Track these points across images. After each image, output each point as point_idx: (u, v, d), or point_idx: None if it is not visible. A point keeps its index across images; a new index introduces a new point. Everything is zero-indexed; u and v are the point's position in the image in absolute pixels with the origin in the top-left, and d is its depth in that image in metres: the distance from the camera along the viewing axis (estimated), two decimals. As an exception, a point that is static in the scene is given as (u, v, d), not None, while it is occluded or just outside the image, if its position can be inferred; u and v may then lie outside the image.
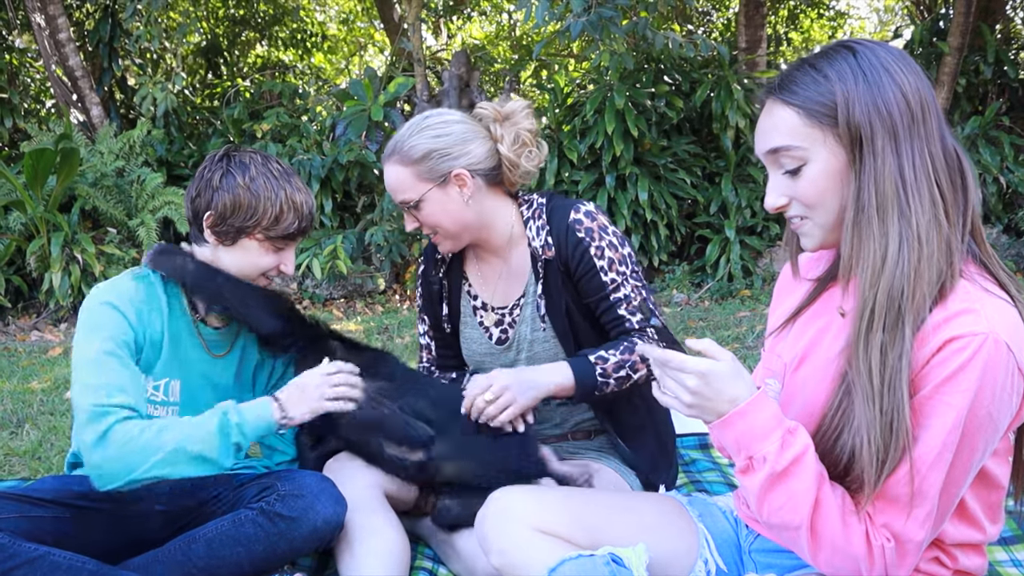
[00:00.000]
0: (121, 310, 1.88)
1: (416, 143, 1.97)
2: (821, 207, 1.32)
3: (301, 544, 1.84)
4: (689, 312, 5.63)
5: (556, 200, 2.05)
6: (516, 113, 2.05)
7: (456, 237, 2.03)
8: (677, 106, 6.36)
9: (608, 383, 1.94)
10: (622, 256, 1.99)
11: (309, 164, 6.59)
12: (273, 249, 1.96)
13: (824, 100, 1.28)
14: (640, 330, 1.98)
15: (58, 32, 7.26)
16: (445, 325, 2.22)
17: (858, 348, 1.27)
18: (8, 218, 6.22)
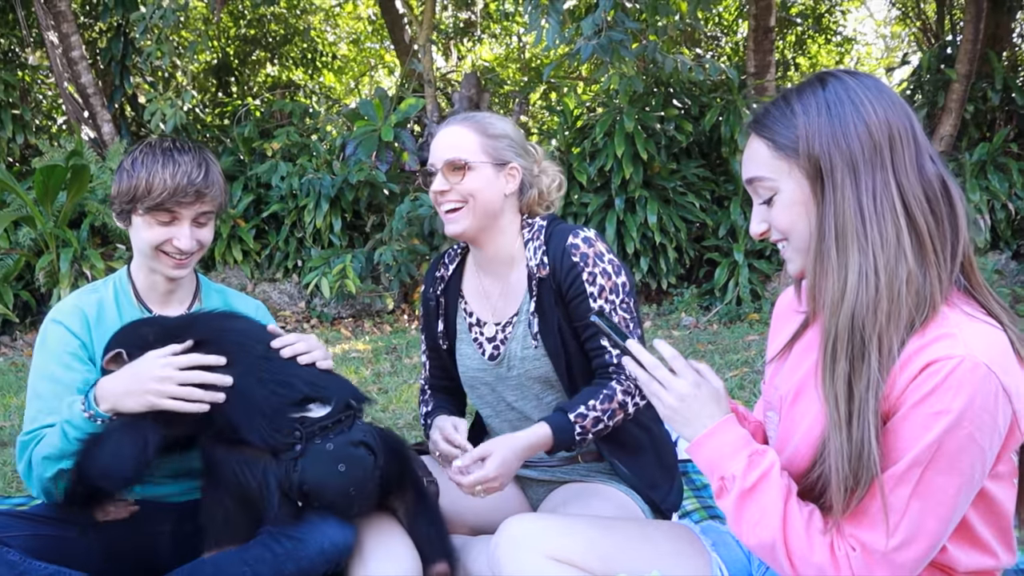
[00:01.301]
0: (64, 323, 1.97)
1: (497, 123, 2.07)
2: (793, 234, 1.36)
3: (308, 566, 1.81)
4: (698, 335, 5.61)
5: (557, 224, 2.08)
6: (552, 169, 2.17)
7: (477, 219, 2.03)
8: (686, 129, 6.38)
9: (586, 438, 1.95)
10: (614, 284, 1.98)
11: (319, 183, 6.62)
12: (157, 223, 1.96)
13: (788, 133, 1.32)
14: (618, 365, 1.97)
15: (71, 50, 7.32)
16: (441, 342, 2.22)
17: (824, 378, 1.30)
18: (18, 233, 6.25)
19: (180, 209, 1.95)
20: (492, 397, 2.16)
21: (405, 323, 6.51)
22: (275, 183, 6.82)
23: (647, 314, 6.38)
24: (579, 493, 2.06)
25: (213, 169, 2.00)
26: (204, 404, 1.73)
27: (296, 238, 6.89)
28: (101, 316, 2.05)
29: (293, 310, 6.78)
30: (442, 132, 2.07)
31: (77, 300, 2.06)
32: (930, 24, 8.99)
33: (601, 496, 2.03)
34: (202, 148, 2.04)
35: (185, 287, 2.14)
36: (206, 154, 2.02)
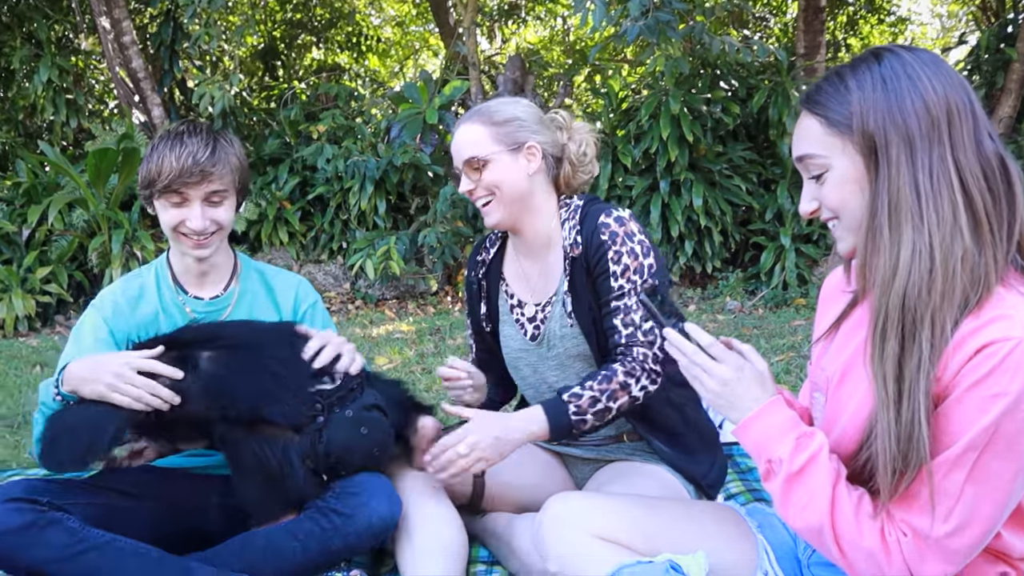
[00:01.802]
0: (98, 309, 2.11)
1: (503, 108, 2.06)
2: (844, 212, 1.34)
3: (356, 540, 1.85)
4: (743, 320, 5.56)
5: (593, 204, 2.07)
6: (583, 130, 2.15)
7: (508, 206, 2.04)
8: (733, 112, 6.29)
9: (585, 420, 1.91)
10: (639, 265, 1.96)
11: (364, 166, 6.66)
12: (170, 205, 2.02)
13: (842, 109, 1.29)
14: (625, 345, 1.94)
15: (122, 35, 7.44)
16: (485, 325, 2.24)
17: (873, 357, 1.28)
18: (72, 215, 6.38)
19: (187, 190, 1.99)
20: (534, 379, 2.16)
21: (448, 304, 6.53)
22: (321, 165, 6.88)
23: (691, 298, 6.33)
24: (623, 472, 2.06)
25: (222, 149, 2.02)
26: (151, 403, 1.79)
27: (341, 220, 6.94)
28: (140, 300, 2.14)
29: (338, 291, 6.84)
30: (456, 133, 2.09)
31: (118, 287, 2.16)
32: (989, 2, 8.74)
33: (645, 475, 2.03)
34: (219, 132, 2.08)
35: (220, 268, 2.18)
36: (220, 136, 2.05)
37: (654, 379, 1.93)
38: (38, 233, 6.39)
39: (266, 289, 2.22)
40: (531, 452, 2.18)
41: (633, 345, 1.93)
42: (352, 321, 6.04)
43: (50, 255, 6.36)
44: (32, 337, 5.92)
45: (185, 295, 2.16)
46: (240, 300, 2.18)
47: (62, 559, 1.68)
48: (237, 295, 2.18)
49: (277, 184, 7.00)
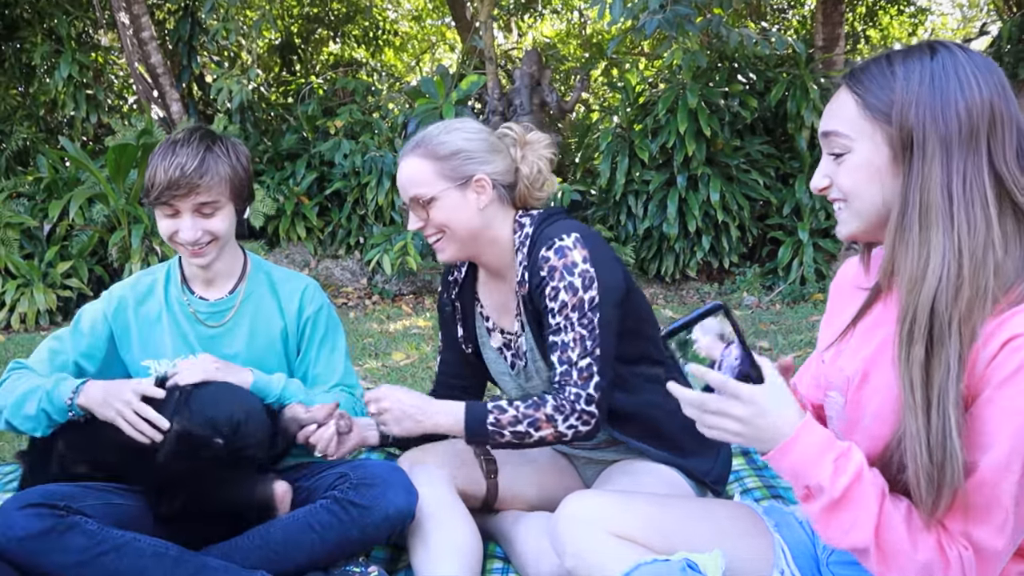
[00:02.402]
0: (106, 302, 2.17)
1: (446, 140, 1.94)
2: (856, 198, 1.31)
3: (373, 531, 1.87)
4: (760, 315, 5.54)
5: (545, 230, 1.94)
6: (538, 143, 2.04)
7: (460, 243, 1.96)
8: (751, 105, 6.26)
9: (502, 434, 1.86)
10: (579, 300, 1.84)
11: (381, 161, 6.67)
12: (164, 215, 2.04)
13: (883, 96, 1.26)
14: (560, 384, 1.85)
15: (141, 31, 7.48)
16: (465, 346, 2.18)
17: (900, 359, 1.25)
18: (92, 210, 6.44)
19: (176, 202, 1.99)
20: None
21: (465, 300, 6.54)
22: (338, 161, 6.90)
23: (708, 293, 6.31)
24: (629, 470, 2.05)
25: (213, 159, 2.00)
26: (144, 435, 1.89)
27: (358, 215, 6.97)
28: (146, 298, 2.18)
29: (355, 287, 6.87)
30: (399, 167, 1.98)
31: (130, 282, 2.21)
32: (1010, -7, 8.65)
33: (652, 474, 2.01)
34: (218, 138, 2.06)
35: (226, 271, 2.19)
36: (216, 144, 2.03)
37: (586, 421, 1.84)
38: (59, 228, 6.46)
39: (272, 292, 2.21)
40: (542, 451, 2.18)
41: (566, 384, 1.85)
42: (369, 316, 6.06)
43: (71, 250, 6.42)
44: (53, 331, 5.97)
45: (191, 295, 2.17)
46: (244, 303, 2.18)
47: (82, 562, 1.70)
48: (241, 298, 2.18)
49: (295, 179, 7.03)
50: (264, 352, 2.18)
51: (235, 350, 2.16)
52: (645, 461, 2.07)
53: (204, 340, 2.16)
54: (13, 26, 8.12)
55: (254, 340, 2.18)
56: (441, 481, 1.97)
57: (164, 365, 2.14)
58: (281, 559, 1.86)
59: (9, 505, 1.72)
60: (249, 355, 2.16)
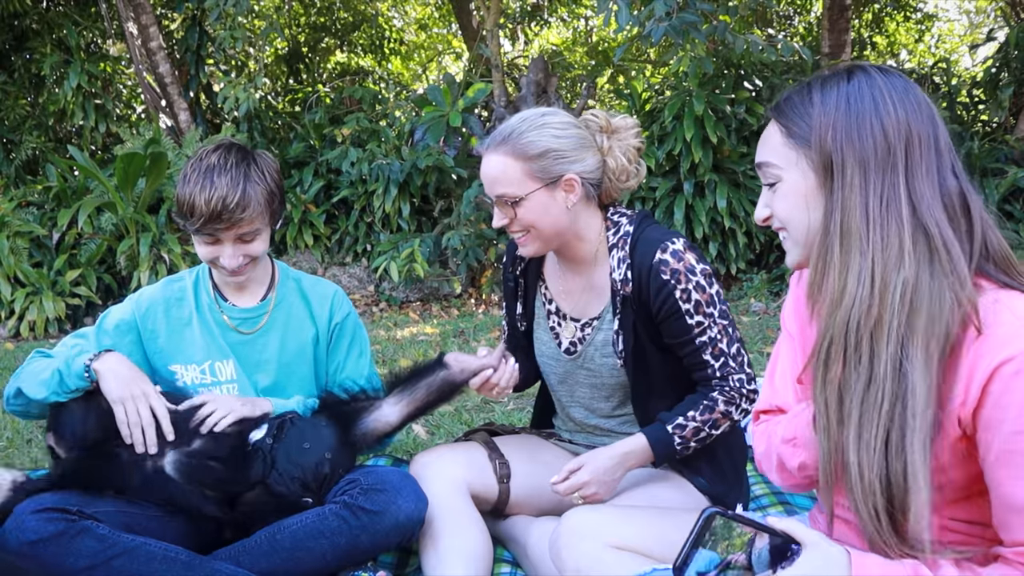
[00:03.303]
0: (135, 304, 2.17)
1: (535, 139, 1.87)
2: (792, 226, 1.32)
3: (383, 538, 1.87)
4: (767, 321, 5.53)
5: (645, 231, 1.94)
6: (625, 129, 1.98)
7: (546, 241, 1.95)
8: (758, 112, 6.26)
9: (688, 447, 1.93)
10: (710, 297, 1.89)
11: (388, 168, 6.69)
12: (203, 242, 2.04)
13: (803, 123, 1.28)
14: (722, 377, 1.92)
15: (149, 40, 7.53)
16: (520, 323, 2.20)
17: (816, 381, 1.26)
18: (100, 219, 6.46)
19: (219, 234, 2.00)
20: (561, 387, 2.15)
21: (472, 307, 6.55)
22: (345, 169, 6.92)
23: (716, 299, 6.30)
24: (645, 478, 2.05)
25: (252, 186, 1.99)
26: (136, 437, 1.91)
27: (365, 223, 6.98)
28: (177, 303, 2.19)
29: (362, 294, 6.88)
30: (485, 161, 1.93)
31: (159, 287, 2.21)
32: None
33: (668, 482, 2.02)
34: (251, 157, 2.04)
35: (257, 279, 2.21)
36: (251, 165, 2.02)
37: (752, 399, 1.92)
38: (68, 236, 6.48)
39: (302, 299, 2.23)
40: (555, 455, 2.18)
41: (729, 375, 1.91)
42: (376, 323, 6.07)
43: (79, 258, 6.45)
44: (62, 338, 6.00)
45: (223, 302, 2.19)
46: (276, 309, 2.20)
47: (94, 566, 1.71)
48: (273, 305, 2.20)
49: (302, 187, 7.05)
50: (295, 358, 2.20)
51: (267, 356, 2.18)
52: (663, 471, 2.07)
53: (236, 346, 2.17)
54: (23, 37, 8.18)
55: (285, 346, 2.19)
56: (453, 484, 1.98)
57: (192, 371, 2.15)
58: (290, 564, 1.86)
59: (22, 509, 1.74)
60: (280, 361, 2.18)
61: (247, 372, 2.17)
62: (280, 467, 1.93)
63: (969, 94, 7.55)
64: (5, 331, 6.01)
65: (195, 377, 2.15)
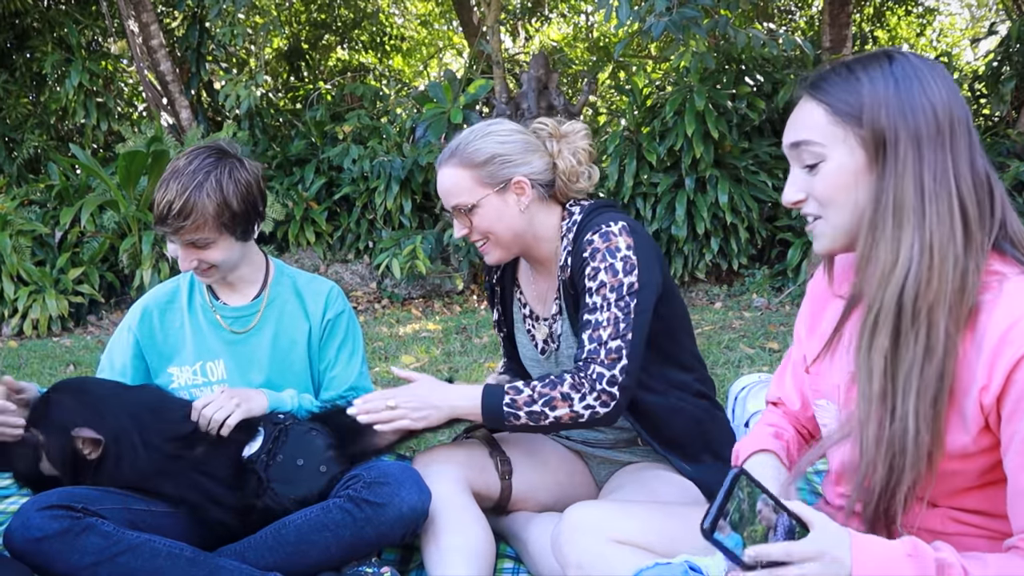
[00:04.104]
0: (128, 315, 2.22)
1: (481, 146, 1.94)
2: (834, 206, 1.31)
3: (388, 530, 1.87)
4: (769, 316, 5.53)
5: (591, 217, 1.95)
6: (574, 133, 2.03)
7: (506, 246, 1.99)
8: (759, 107, 6.26)
9: (517, 415, 1.84)
10: (618, 283, 1.84)
11: (389, 165, 6.70)
12: (168, 241, 2.07)
13: (852, 100, 1.28)
14: (585, 360, 1.83)
15: (150, 38, 7.53)
16: (499, 329, 2.25)
17: (861, 348, 1.27)
18: (103, 217, 6.48)
19: (169, 236, 2.03)
20: None
21: (474, 304, 6.55)
22: (347, 166, 6.93)
23: (718, 295, 6.30)
24: (641, 474, 2.05)
25: (199, 199, 1.96)
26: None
27: (367, 220, 6.99)
28: (170, 305, 2.23)
29: (364, 291, 6.89)
30: (439, 176, 1.99)
31: (151, 294, 2.26)
32: (1018, -8, 8.61)
33: (664, 480, 2.02)
34: (212, 171, 2.01)
35: (248, 277, 2.22)
36: (207, 179, 1.99)
37: (605, 402, 1.80)
38: (70, 235, 6.50)
39: (296, 296, 2.25)
40: (556, 452, 2.19)
41: (591, 362, 1.82)
42: (379, 320, 6.08)
43: (82, 256, 6.47)
44: (65, 337, 6.02)
45: (216, 301, 2.21)
46: (269, 307, 2.22)
47: (98, 563, 1.72)
48: (266, 302, 2.21)
49: (304, 184, 7.06)
50: (288, 355, 2.21)
51: (260, 354, 2.20)
52: (660, 467, 2.07)
53: (229, 345, 2.19)
54: (24, 35, 8.19)
55: (278, 344, 2.20)
56: (455, 482, 1.98)
57: (185, 372, 2.17)
58: (294, 559, 1.87)
59: (28, 507, 1.74)
60: (273, 359, 2.20)
61: (241, 370, 2.18)
62: (275, 486, 1.95)
63: (971, 88, 7.54)
64: (9, 329, 6.03)
65: (188, 379, 2.17)
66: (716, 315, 5.67)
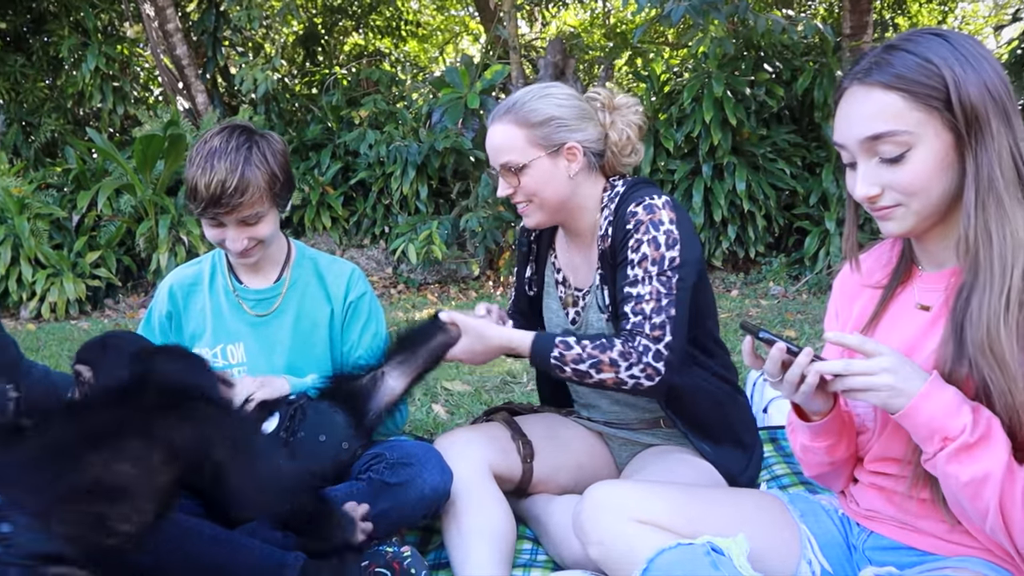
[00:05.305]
0: (167, 284, 2.22)
1: (538, 107, 1.92)
2: (923, 193, 1.30)
3: (410, 510, 1.87)
4: (786, 305, 5.50)
5: (634, 189, 1.95)
6: (627, 107, 2.03)
7: (549, 211, 1.98)
8: (778, 94, 6.20)
9: (563, 369, 1.85)
10: (659, 256, 1.84)
11: (406, 151, 6.69)
12: (209, 225, 2.03)
13: (932, 83, 1.26)
14: (631, 332, 1.83)
15: (166, 23, 7.53)
16: (528, 288, 2.22)
17: (1000, 332, 1.26)
18: (120, 201, 6.50)
19: (220, 217, 2.00)
20: None
21: (490, 289, 6.55)
22: (363, 151, 6.92)
23: (734, 283, 6.27)
24: (663, 457, 2.05)
25: (251, 170, 1.97)
26: None
27: (383, 205, 6.99)
28: (193, 288, 2.22)
29: (380, 276, 6.89)
30: (490, 132, 1.96)
31: (174, 275, 2.24)
32: (1042, -21, 8.50)
33: (684, 462, 2.01)
34: (251, 145, 2.00)
35: (271, 259, 2.21)
36: (252, 148, 1.99)
37: (650, 375, 1.80)
38: (87, 218, 6.52)
39: (318, 278, 2.24)
40: (577, 434, 2.19)
41: (637, 334, 1.82)
42: (395, 305, 6.08)
43: (99, 240, 6.49)
44: (83, 320, 6.05)
45: (238, 284, 2.20)
46: (291, 290, 2.21)
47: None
48: (288, 285, 2.21)
49: (320, 169, 7.05)
50: (309, 337, 2.20)
51: (282, 336, 2.18)
52: (681, 450, 2.07)
53: (251, 328, 2.18)
54: (41, 19, 8.21)
55: (300, 326, 2.19)
56: (476, 464, 1.98)
57: (206, 355, 2.15)
58: None
59: None
60: (295, 341, 2.19)
61: (264, 353, 2.18)
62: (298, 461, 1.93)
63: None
64: (27, 312, 6.06)
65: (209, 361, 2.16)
66: (732, 303, 5.64)
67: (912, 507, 1.45)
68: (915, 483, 1.40)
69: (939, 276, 1.43)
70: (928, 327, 1.40)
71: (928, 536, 1.46)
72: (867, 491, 1.56)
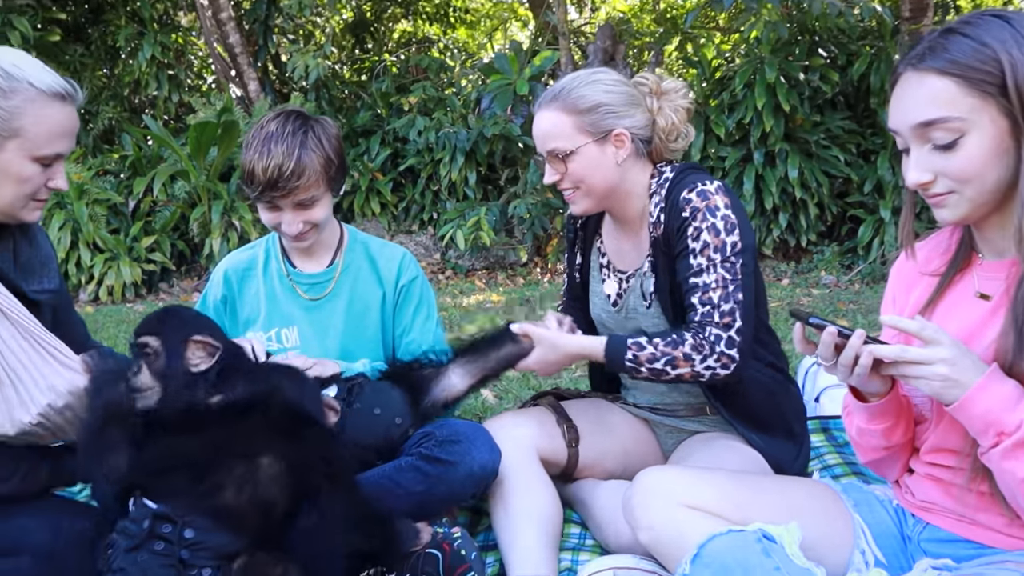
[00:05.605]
0: (222, 269, 2.25)
1: (586, 93, 1.91)
2: (977, 181, 1.27)
3: (459, 487, 1.89)
4: (839, 294, 5.41)
5: (684, 175, 1.94)
6: (675, 91, 2.01)
7: (596, 198, 1.97)
8: (832, 80, 6.08)
9: (639, 370, 1.85)
10: (721, 242, 1.83)
11: (454, 137, 6.70)
12: (266, 208, 2.06)
13: (988, 68, 1.23)
14: (700, 323, 1.83)
15: (219, 12, 7.63)
16: (576, 274, 2.23)
17: (1015, 297, 1.26)
18: (174, 187, 6.62)
19: (277, 201, 2.02)
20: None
21: (538, 275, 6.54)
22: (412, 137, 6.95)
23: (785, 272, 6.18)
24: (710, 444, 2.04)
25: (307, 153, 2.00)
26: None
27: (432, 191, 7.02)
28: (248, 271, 2.25)
29: (428, 261, 6.93)
30: (537, 118, 1.96)
31: (227, 261, 2.27)
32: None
33: (731, 448, 2.00)
34: (310, 122, 2.04)
35: (325, 243, 2.23)
36: (308, 132, 2.02)
37: (725, 364, 1.81)
38: (143, 204, 6.66)
39: (370, 263, 2.25)
40: (623, 420, 2.18)
41: (707, 324, 1.83)
42: (443, 291, 6.11)
43: (154, 225, 6.62)
44: (139, 303, 6.18)
45: (291, 268, 2.23)
46: (344, 274, 2.23)
47: None
48: (340, 269, 2.23)
49: (369, 156, 7.11)
50: (362, 321, 2.22)
51: (335, 320, 2.21)
52: (727, 437, 2.05)
53: (305, 312, 2.21)
54: (99, 10, 8.37)
55: (352, 309, 2.22)
56: (524, 447, 1.99)
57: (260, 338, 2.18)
58: None
59: None
60: (347, 325, 2.21)
61: (317, 337, 2.20)
62: (350, 432, 1.94)
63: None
64: (86, 295, 6.21)
65: None
66: (783, 292, 5.57)
67: (970, 500, 1.43)
68: (973, 476, 1.38)
69: (1000, 265, 1.40)
70: (988, 316, 1.38)
71: (986, 529, 1.44)
72: (923, 482, 1.53)
